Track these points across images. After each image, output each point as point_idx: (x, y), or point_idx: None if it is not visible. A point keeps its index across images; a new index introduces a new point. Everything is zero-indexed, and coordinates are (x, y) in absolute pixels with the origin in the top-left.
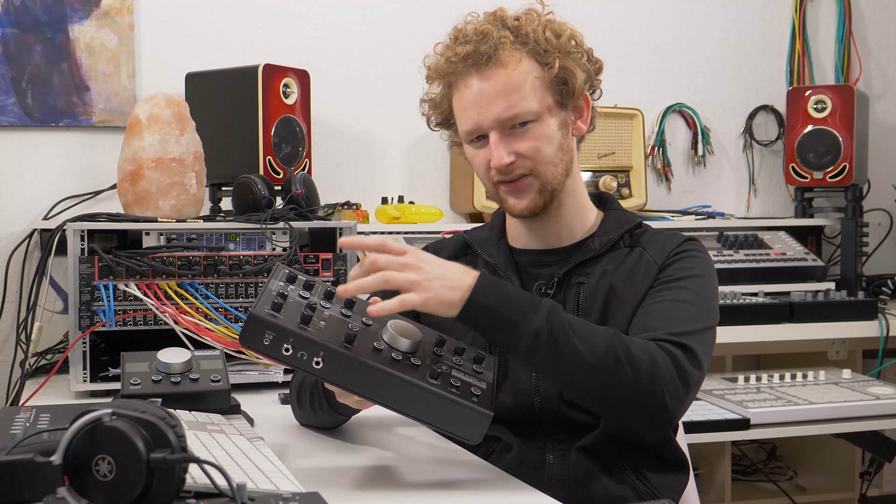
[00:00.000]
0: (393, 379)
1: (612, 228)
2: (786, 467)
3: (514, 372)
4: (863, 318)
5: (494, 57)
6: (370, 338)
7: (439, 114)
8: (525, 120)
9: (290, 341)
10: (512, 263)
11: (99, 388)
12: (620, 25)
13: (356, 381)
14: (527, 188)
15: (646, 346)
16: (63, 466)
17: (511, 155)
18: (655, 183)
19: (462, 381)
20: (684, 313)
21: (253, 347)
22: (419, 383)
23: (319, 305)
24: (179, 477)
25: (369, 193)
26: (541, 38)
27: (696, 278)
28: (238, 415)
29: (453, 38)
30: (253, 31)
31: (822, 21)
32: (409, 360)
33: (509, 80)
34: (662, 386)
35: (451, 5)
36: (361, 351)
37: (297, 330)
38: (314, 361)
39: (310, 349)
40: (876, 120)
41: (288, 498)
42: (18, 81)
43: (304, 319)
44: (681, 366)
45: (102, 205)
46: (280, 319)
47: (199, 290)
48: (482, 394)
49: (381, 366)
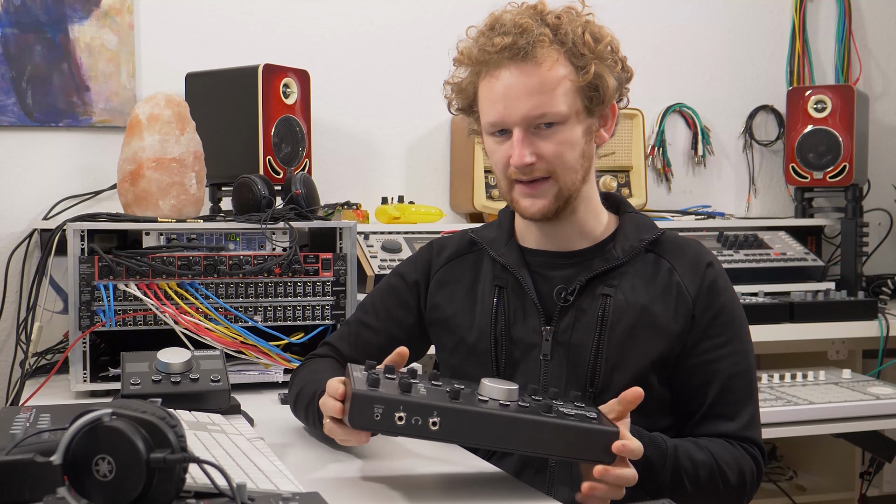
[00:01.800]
0: (515, 422)
1: (632, 235)
2: (786, 467)
3: (523, 374)
4: (863, 318)
5: (531, 53)
6: (471, 395)
7: (462, 99)
8: (552, 121)
9: (400, 409)
10: (524, 263)
11: (99, 388)
12: (620, 25)
13: (476, 434)
14: (543, 192)
15: (737, 465)
16: (63, 466)
17: (533, 155)
18: (655, 183)
19: (574, 412)
20: (746, 389)
21: (365, 426)
22: (541, 419)
23: (410, 380)
24: (179, 477)
25: (369, 193)
26: (579, 40)
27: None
28: (238, 415)
29: (489, 25)
30: (253, 31)
31: (822, 21)
32: (518, 405)
33: (543, 79)
34: (749, 495)
35: (451, 5)
36: (472, 404)
37: (405, 397)
38: (430, 423)
39: (423, 412)
40: (876, 120)
41: (288, 498)
42: (18, 81)
43: (405, 387)
44: (761, 469)
45: (102, 205)
46: (384, 392)
47: (199, 290)
48: (599, 415)
49: (499, 412)
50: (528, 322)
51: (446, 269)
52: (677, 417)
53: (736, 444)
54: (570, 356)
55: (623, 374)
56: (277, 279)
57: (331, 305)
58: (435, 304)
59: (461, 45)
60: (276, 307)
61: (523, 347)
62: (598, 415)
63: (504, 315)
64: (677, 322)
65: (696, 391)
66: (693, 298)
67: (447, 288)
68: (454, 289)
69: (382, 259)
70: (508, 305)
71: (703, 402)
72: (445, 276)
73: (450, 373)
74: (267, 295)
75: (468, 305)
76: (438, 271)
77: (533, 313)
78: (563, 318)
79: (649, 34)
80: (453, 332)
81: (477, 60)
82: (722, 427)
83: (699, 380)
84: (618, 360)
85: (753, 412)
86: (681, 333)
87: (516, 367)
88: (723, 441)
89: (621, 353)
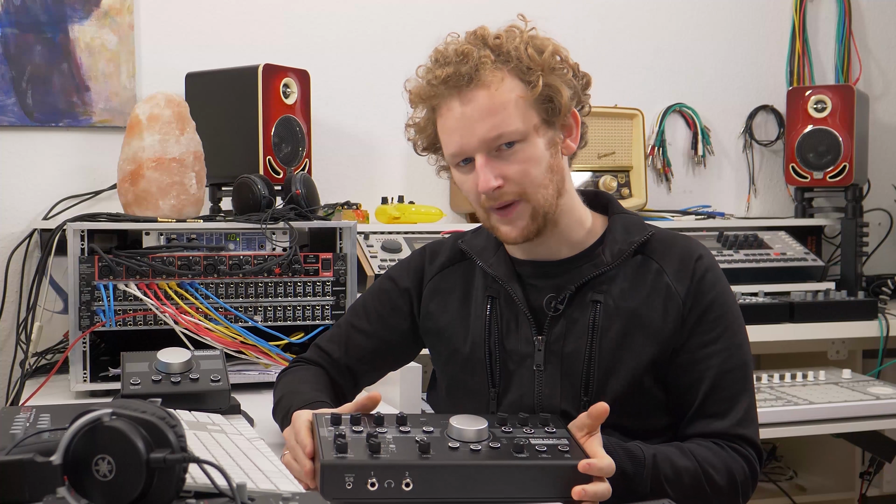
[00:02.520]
0: (484, 470)
1: (621, 237)
2: (786, 467)
3: (518, 385)
4: (863, 318)
5: (476, 77)
6: (441, 441)
7: (425, 138)
8: (511, 140)
9: (371, 475)
10: (513, 274)
11: (99, 388)
12: (620, 25)
13: (451, 487)
14: (518, 215)
15: (725, 467)
16: (63, 466)
17: (498, 178)
18: (655, 183)
19: (545, 444)
20: (738, 383)
21: (337, 496)
22: (510, 462)
23: (378, 433)
24: (179, 477)
25: (369, 193)
26: (523, 55)
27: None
28: (238, 415)
29: (433, 59)
30: (253, 31)
31: (822, 21)
32: (488, 446)
33: (492, 101)
34: (744, 496)
35: (451, 6)
36: (442, 456)
37: (374, 461)
38: (404, 484)
39: (395, 475)
40: (876, 120)
41: (288, 498)
42: (18, 81)
43: (374, 448)
44: (754, 467)
45: (102, 205)
46: (352, 458)
47: (199, 290)
48: (571, 446)
49: (467, 461)
50: (520, 333)
51: (438, 278)
52: (673, 416)
53: (725, 445)
54: (563, 365)
55: (617, 380)
56: (277, 279)
57: (331, 305)
58: (428, 313)
59: (409, 85)
60: (276, 307)
61: (517, 358)
62: (569, 440)
63: (497, 326)
64: (668, 324)
65: (687, 388)
66: (682, 298)
67: (440, 297)
68: (447, 299)
69: (382, 259)
70: (501, 316)
71: (694, 400)
72: (438, 284)
73: (446, 383)
74: (267, 295)
75: (462, 316)
76: (431, 280)
77: (525, 324)
78: (554, 328)
79: (649, 34)
80: (448, 343)
81: (426, 96)
82: (713, 426)
83: (691, 377)
84: (611, 366)
85: (748, 408)
86: (672, 334)
87: (511, 378)
88: (710, 443)
89: (614, 359)
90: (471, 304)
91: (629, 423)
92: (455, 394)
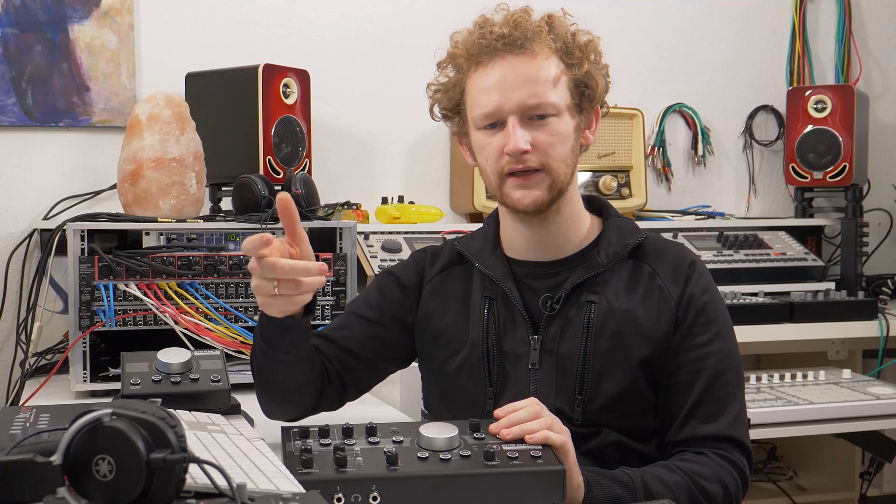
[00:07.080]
0: (454, 479)
1: (616, 240)
2: (786, 467)
3: (514, 384)
4: (863, 318)
5: (527, 44)
6: (410, 451)
7: (448, 99)
8: (546, 113)
9: (338, 490)
10: (510, 275)
11: (99, 388)
12: (620, 25)
13: (421, 499)
14: (536, 183)
15: (715, 477)
16: (63, 466)
17: (528, 143)
18: (655, 183)
19: (518, 451)
20: (730, 387)
21: None
22: (479, 471)
23: (345, 445)
24: (179, 477)
25: (369, 193)
26: (569, 39)
27: (723, 322)
28: (238, 415)
29: (480, 24)
30: (253, 31)
31: (822, 21)
32: (459, 455)
33: (539, 70)
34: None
35: (451, 6)
36: (410, 467)
37: (340, 476)
38: (371, 498)
39: (361, 489)
40: (876, 120)
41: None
42: (18, 81)
43: (340, 462)
44: (744, 474)
45: (102, 205)
46: (318, 473)
47: (199, 290)
48: (543, 452)
49: (436, 472)
50: (517, 333)
51: (438, 279)
52: (661, 420)
53: (712, 454)
54: (558, 365)
55: (610, 381)
56: None
57: (331, 305)
58: (427, 314)
59: (455, 39)
60: None
61: (513, 358)
62: (542, 446)
63: (495, 327)
64: (661, 325)
65: (679, 390)
66: (676, 301)
67: (439, 299)
68: (446, 302)
69: (382, 259)
70: (498, 317)
71: (686, 402)
72: (438, 286)
73: (441, 387)
74: None
75: (462, 319)
76: (431, 281)
77: (521, 324)
78: (549, 327)
79: (649, 34)
80: (446, 346)
81: (474, 52)
82: (705, 429)
83: (683, 378)
84: (604, 366)
85: (738, 412)
86: (665, 336)
87: (507, 378)
88: (696, 456)
89: (608, 360)
90: (470, 307)
91: (622, 423)
92: (452, 395)
